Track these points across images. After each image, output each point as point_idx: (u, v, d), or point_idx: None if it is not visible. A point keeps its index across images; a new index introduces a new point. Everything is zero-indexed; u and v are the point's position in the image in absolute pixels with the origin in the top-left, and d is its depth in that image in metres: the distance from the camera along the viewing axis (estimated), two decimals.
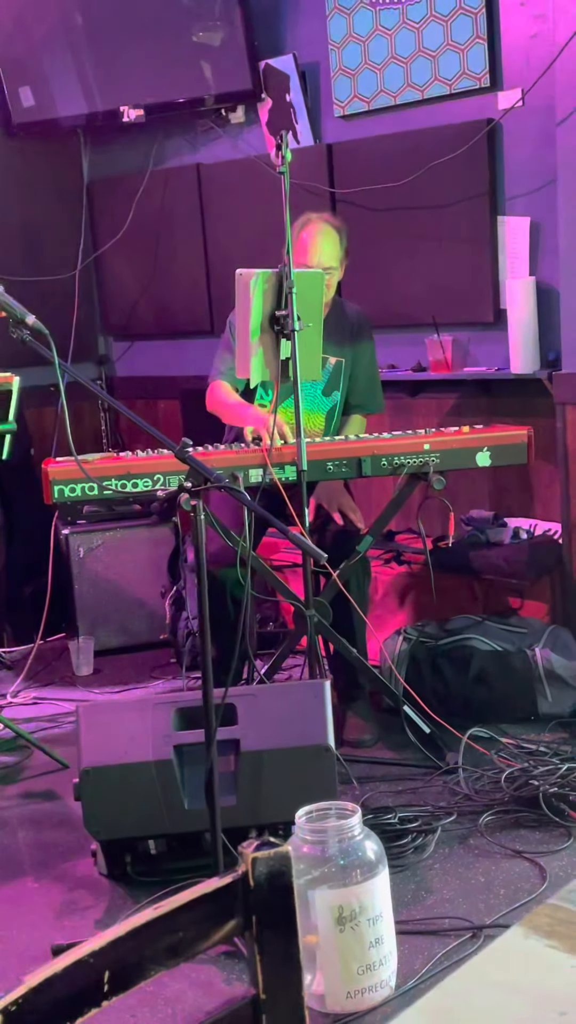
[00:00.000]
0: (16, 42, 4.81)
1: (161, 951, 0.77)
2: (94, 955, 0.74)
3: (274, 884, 0.81)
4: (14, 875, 2.77)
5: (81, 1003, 0.74)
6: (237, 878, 0.81)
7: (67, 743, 3.36)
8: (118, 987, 0.75)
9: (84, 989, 0.74)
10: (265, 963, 0.80)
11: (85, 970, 0.73)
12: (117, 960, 0.75)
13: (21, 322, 2.62)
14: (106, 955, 0.74)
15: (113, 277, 5.35)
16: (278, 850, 0.82)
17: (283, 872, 0.82)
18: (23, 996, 0.70)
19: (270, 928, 0.81)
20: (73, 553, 4.41)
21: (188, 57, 4.63)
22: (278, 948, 0.81)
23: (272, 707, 2.69)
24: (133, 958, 0.76)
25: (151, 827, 2.60)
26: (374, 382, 3.67)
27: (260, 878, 0.81)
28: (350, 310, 3.64)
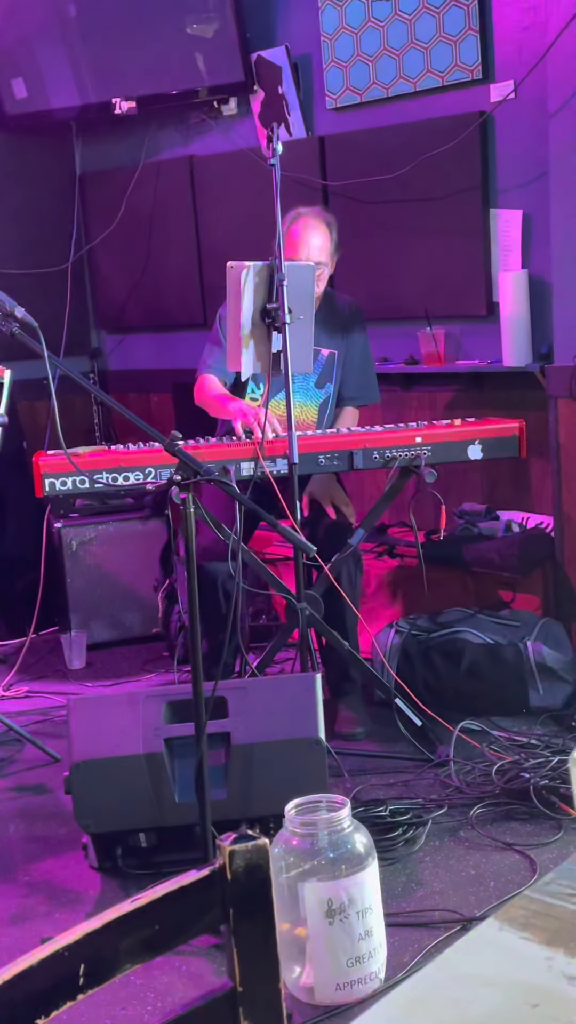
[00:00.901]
0: (8, 33, 4.79)
1: (137, 944, 0.77)
2: (69, 948, 0.74)
3: (251, 877, 0.81)
4: (5, 868, 2.77)
5: (56, 996, 0.74)
6: (214, 871, 0.81)
7: (59, 737, 3.37)
8: (93, 980, 0.75)
9: (59, 982, 0.73)
10: (242, 956, 0.80)
11: (60, 963, 0.73)
12: (92, 953, 0.75)
13: (10, 315, 2.62)
14: (81, 948, 0.74)
15: (105, 270, 5.34)
16: (255, 843, 0.82)
17: (260, 865, 0.82)
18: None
19: (247, 921, 0.81)
20: (66, 546, 4.41)
21: (181, 49, 4.62)
22: (255, 941, 0.80)
23: (263, 700, 2.69)
24: (109, 951, 0.75)
25: (141, 820, 2.60)
26: (368, 373, 3.67)
27: (237, 871, 0.81)
28: (343, 301, 3.63)
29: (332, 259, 3.47)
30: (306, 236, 3.39)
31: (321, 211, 3.53)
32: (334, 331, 3.54)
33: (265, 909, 0.82)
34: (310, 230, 3.41)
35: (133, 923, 0.76)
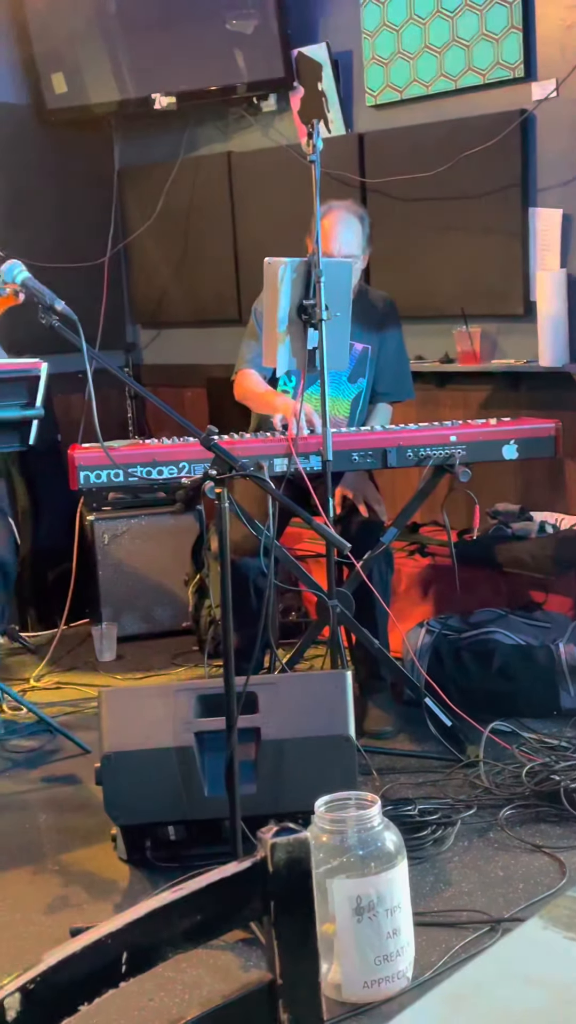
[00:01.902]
0: (51, 30, 4.82)
1: (179, 934, 0.77)
2: (112, 936, 0.74)
3: (292, 870, 0.81)
4: (35, 858, 2.79)
5: (98, 983, 0.74)
6: (256, 863, 0.81)
7: (89, 728, 3.38)
8: (135, 968, 0.76)
9: (102, 969, 0.74)
10: (282, 948, 0.80)
11: (103, 950, 0.74)
12: (135, 941, 0.75)
13: (50, 308, 2.63)
14: (124, 936, 0.75)
15: (142, 265, 5.36)
16: (297, 836, 0.82)
17: (302, 859, 0.82)
18: (41, 975, 0.71)
19: (288, 914, 0.81)
20: (98, 539, 4.43)
21: (221, 45, 4.62)
22: (295, 934, 0.81)
23: (293, 696, 2.69)
24: (151, 940, 0.76)
25: (171, 813, 2.61)
26: (403, 369, 3.65)
27: (279, 863, 0.81)
28: (377, 297, 3.62)
29: (364, 252, 3.46)
30: (337, 228, 3.39)
31: (353, 204, 3.52)
32: (368, 326, 3.54)
33: (306, 902, 0.82)
34: (341, 223, 3.40)
35: (175, 912, 0.77)
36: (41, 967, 0.71)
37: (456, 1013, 0.73)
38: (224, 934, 0.82)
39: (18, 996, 0.69)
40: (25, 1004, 0.69)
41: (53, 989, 0.70)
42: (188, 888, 0.78)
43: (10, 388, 3.32)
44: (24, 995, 0.69)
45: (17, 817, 3.02)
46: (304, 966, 0.80)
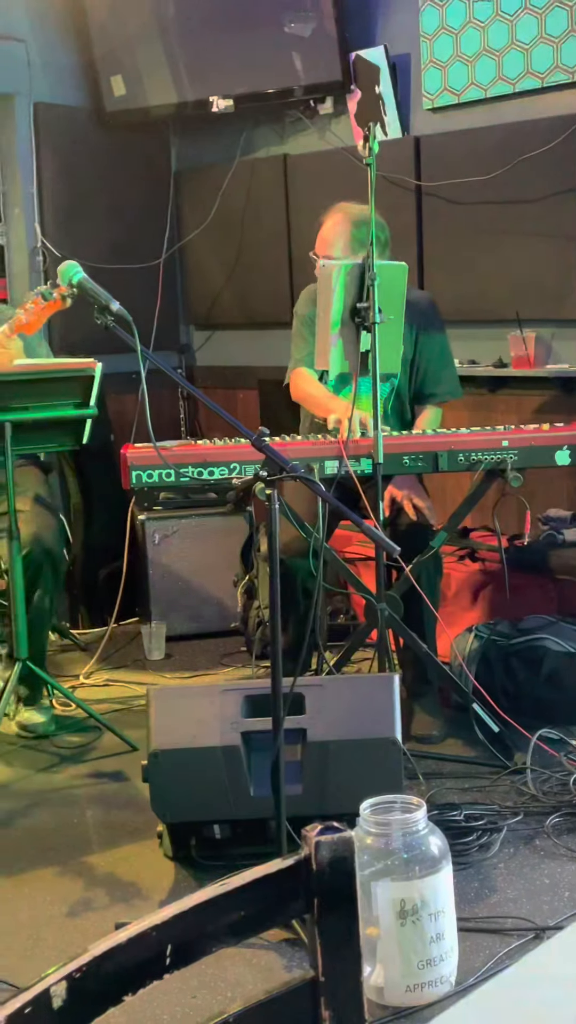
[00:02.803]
0: (110, 33, 4.87)
1: (223, 928, 0.78)
2: (157, 928, 0.75)
3: (336, 869, 0.82)
4: (82, 853, 2.82)
5: (143, 974, 0.75)
6: (300, 861, 0.82)
7: (136, 725, 3.40)
8: (179, 961, 0.77)
9: (146, 961, 0.75)
10: (325, 946, 0.81)
11: (148, 942, 0.75)
12: (179, 935, 0.76)
13: (105, 309, 2.66)
14: (169, 929, 0.75)
15: (197, 266, 5.39)
16: (341, 835, 0.83)
17: (346, 857, 0.82)
18: (87, 964, 0.72)
19: (331, 912, 0.81)
20: (148, 539, 4.46)
21: (278, 48, 4.64)
22: (339, 932, 0.81)
23: (340, 698, 2.69)
24: (195, 934, 0.77)
25: (217, 812, 2.62)
26: (449, 368, 3.62)
27: (323, 862, 0.81)
28: (417, 296, 3.58)
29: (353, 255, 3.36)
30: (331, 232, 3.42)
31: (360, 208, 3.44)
32: (404, 326, 3.50)
33: (349, 901, 0.82)
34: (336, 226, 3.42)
35: (219, 907, 0.78)
36: (87, 957, 0.72)
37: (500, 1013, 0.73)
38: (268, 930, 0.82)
39: (64, 984, 0.70)
40: (71, 993, 0.70)
41: (99, 979, 0.72)
42: (232, 883, 0.79)
43: (65, 388, 3.36)
44: (70, 984, 0.70)
45: (65, 812, 3.05)
46: (346, 964, 0.81)
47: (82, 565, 4.76)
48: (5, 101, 4.87)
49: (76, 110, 5.01)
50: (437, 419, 3.59)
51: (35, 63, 4.85)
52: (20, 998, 0.69)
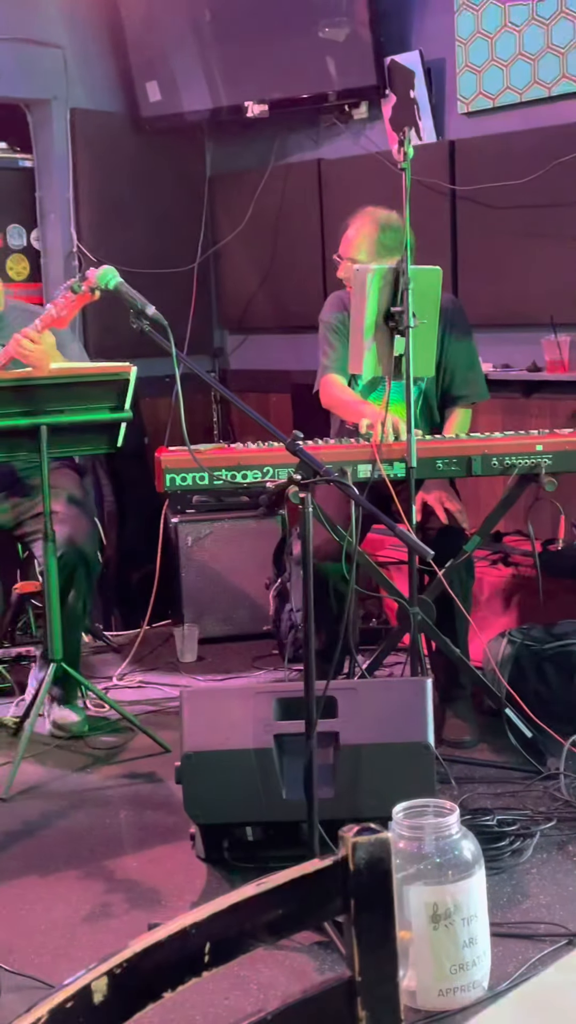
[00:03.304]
0: (146, 39, 4.90)
1: (261, 927, 0.79)
2: (196, 926, 0.76)
3: (373, 869, 0.82)
4: (115, 853, 2.83)
5: (182, 971, 0.76)
6: (337, 861, 0.83)
7: (169, 727, 3.42)
8: (218, 959, 0.77)
9: (185, 958, 0.76)
10: (362, 947, 0.81)
11: (187, 940, 0.76)
12: (218, 932, 0.77)
13: (141, 313, 2.69)
14: (208, 927, 0.76)
15: (231, 271, 5.41)
16: (378, 836, 0.83)
17: (383, 858, 0.83)
18: (127, 960, 0.73)
19: (368, 912, 0.82)
20: (181, 541, 4.48)
21: (313, 53, 4.65)
22: (375, 933, 0.82)
23: (373, 702, 2.70)
24: (233, 932, 0.78)
25: (249, 814, 2.63)
26: (475, 370, 3.62)
27: (360, 863, 0.82)
28: (443, 300, 3.57)
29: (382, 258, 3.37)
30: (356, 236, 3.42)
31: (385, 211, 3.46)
32: None
33: (386, 902, 0.83)
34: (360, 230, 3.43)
35: (257, 906, 0.78)
36: (127, 953, 0.73)
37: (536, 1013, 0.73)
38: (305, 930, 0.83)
39: (105, 980, 0.71)
40: (111, 987, 0.71)
41: (139, 975, 0.73)
42: (270, 883, 0.80)
43: (100, 391, 3.39)
44: (111, 979, 0.71)
45: (98, 812, 3.07)
46: (383, 965, 0.81)
47: (115, 567, 4.78)
48: (42, 107, 4.92)
49: (112, 116, 5.04)
50: (466, 421, 3.59)
51: (72, 69, 4.89)
52: (61, 992, 0.70)
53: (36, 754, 3.42)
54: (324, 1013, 0.80)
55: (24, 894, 2.65)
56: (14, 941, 2.39)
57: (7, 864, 2.72)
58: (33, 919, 2.54)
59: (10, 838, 2.91)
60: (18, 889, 2.66)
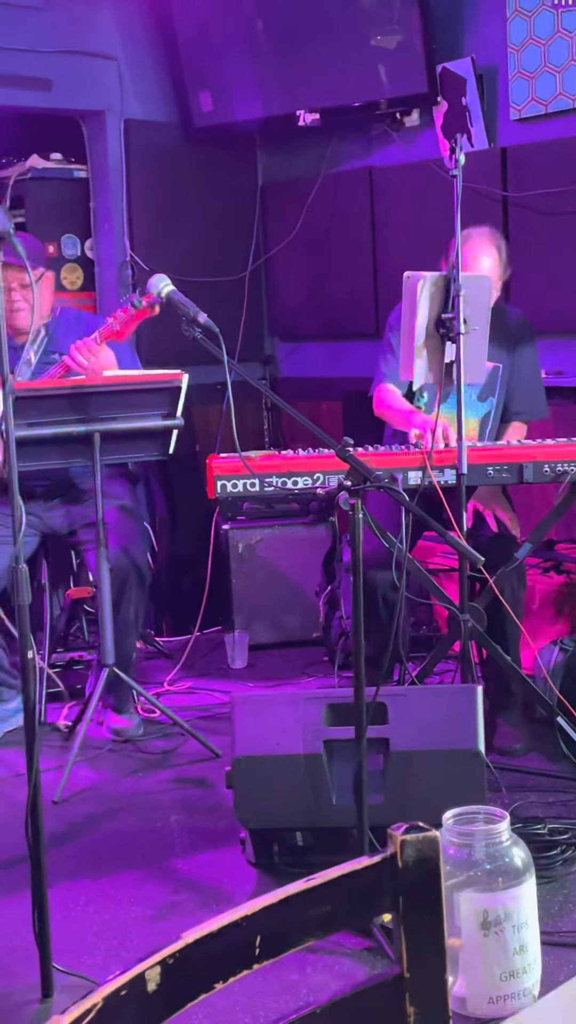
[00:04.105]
0: (199, 49, 4.94)
1: (310, 921, 0.80)
2: (247, 919, 0.77)
3: (422, 867, 0.83)
4: (165, 857, 2.86)
5: (233, 963, 0.77)
6: (386, 859, 0.83)
7: (219, 733, 3.44)
8: (269, 952, 0.79)
9: (236, 950, 0.77)
10: (410, 943, 0.82)
11: (238, 933, 0.77)
12: (268, 926, 0.78)
13: (193, 320, 2.71)
14: (258, 921, 0.77)
15: (282, 279, 5.43)
16: (427, 835, 0.84)
17: (431, 857, 0.84)
18: (180, 951, 0.74)
19: (416, 910, 0.83)
20: (232, 548, 4.50)
21: (365, 61, 4.66)
22: (423, 930, 0.82)
23: (423, 709, 2.69)
24: (283, 926, 0.79)
25: (299, 819, 2.64)
26: (537, 388, 3.62)
27: (408, 860, 0.83)
28: (512, 314, 3.60)
29: (501, 279, 3.44)
30: (477, 257, 3.38)
31: (491, 231, 3.50)
32: (500, 344, 3.51)
33: (434, 899, 0.83)
34: (480, 250, 3.40)
35: (307, 901, 0.79)
36: (180, 944, 0.75)
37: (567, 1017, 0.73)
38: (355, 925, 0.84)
39: (159, 970, 0.73)
40: (165, 977, 0.73)
41: (191, 965, 0.74)
42: (320, 879, 0.81)
43: (152, 399, 3.43)
44: (164, 969, 0.73)
45: (149, 816, 3.10)
46: (431, 962, 0.82)
47: (166, 574, 4.82)
48: (97, 118, 4.98)
49: (165, 126, 5.09)
50: (521, 435, 3.58)
51: (126, 81, 4.95)
52: (116, 980, 0.71)
53: (88, 758, 3.45)
54: (373, 1008, 0.81)
55: (77, 896, 2.68)
56: (67, 942, 2.42)
57: (60, 866, 2.75)
58: (85, 920, 2.57)
59: (63, 841, 2.95)
60: (71, 891, 2.69)
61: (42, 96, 4.74)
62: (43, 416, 3.26)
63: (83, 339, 3.41)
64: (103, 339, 3.40)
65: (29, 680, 2.20)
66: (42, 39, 4.67)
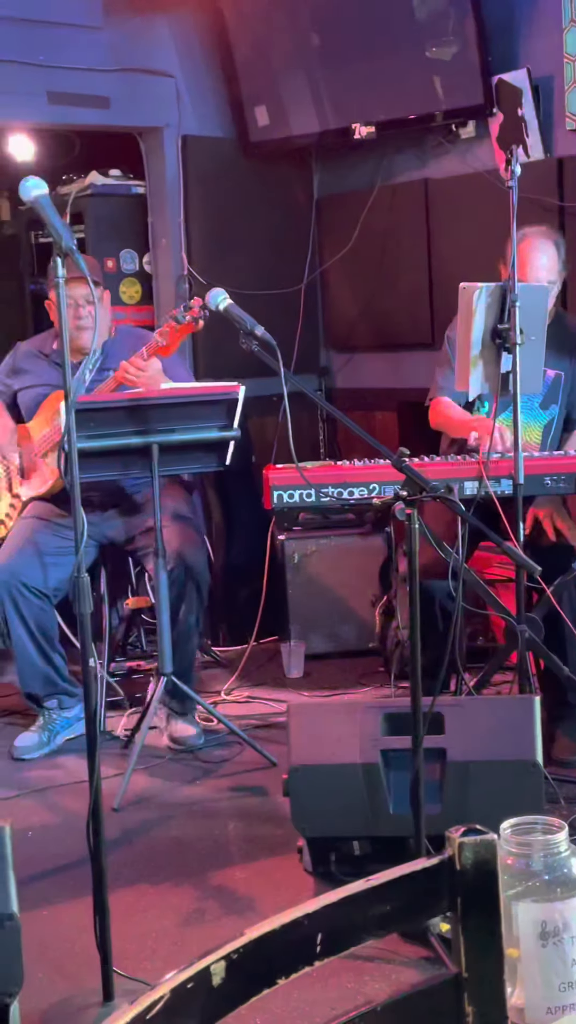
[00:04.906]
0: (255, 65, 4.99)
1: (370, 920, 0.82)
2: (308, 917, 0.79)
3: (480, 870, 0.84)
4: (223, 864, 2.88)
5: (295, 959, 0.79)
6: (444, 861, 0.85)
7: (276, 742, 3.47)
8: (329, 949, 0.80)
9: (298, 947, 0.79)
10: (468, 944, 0.83)
11: (299, 930, 0.79)
12: (329, 924, 0.80)
13: (250, 333, 2.75)
14: (319, 918, 0.79)
15: (337, 291, 5.46)
16: (484, 837, 0.85)
17: (488, 859, 0.85)
18: (244, 946, 0.76)
19: (474, 911, 0.84)
20: (288, 559, 4.53)
21: (420, 73, 4.68)
22: (481, 931, 0.84)
23: (480, 719, 2.70)
24: (344, 924, 0.81)
25: (356, 828, 2.65)
26: None
27: (466, 863, 0.84)
28: (573, 322, 3.59)
29: (560, 277, 3.44)
30: (533, 255, 3.38)
31: (548, 229, 3.51)
32: (562, 352, 3.50)
33: (492, 901, 0.85)
34: (536, 249, 3.39)
35: (366, 900, 0.81)
36: (243, 940, 0.77)
37: None
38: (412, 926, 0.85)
39: (223, 964, 0.75)
40: (229, 971, 0.75)
41: (254, 960, 0.76)
42: (379, 879, 0.83)
43: (209, 411, 3.47)
44: (228, 963, 0.75)
45: (207, 824, 3.13)
46: (489, 963, 0.83)
47: (223, 584, 4.86)
48: (154, 134, 5.05)
49: (221, 141, 5.15)
50: None
51: (183, 97, 5.02)
52: (183, 973, 0.74)
53: (147, 766, 3.49)
54: (431, 1008, 0.82)
55: (136, 902, 2.71)
56: (126, 947, 2.45)
57: (119, 872, 2.79)
58: (145, 926, 2.60)
59: (122, 847, 2.98)
60: (130, 896, 2.73)
61: (101, 113, 4.82)
62: (102, 428, 3.32)
63: (131, 358, 3.47)
64: (150, 354, 3.46)
65: (91, 688, 2.24)
66: (101, 58, 4.76)
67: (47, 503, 3.79)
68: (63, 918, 2.64)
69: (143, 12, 4.81)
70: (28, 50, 4.54)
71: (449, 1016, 0.83)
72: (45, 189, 2.27)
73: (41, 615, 3.63)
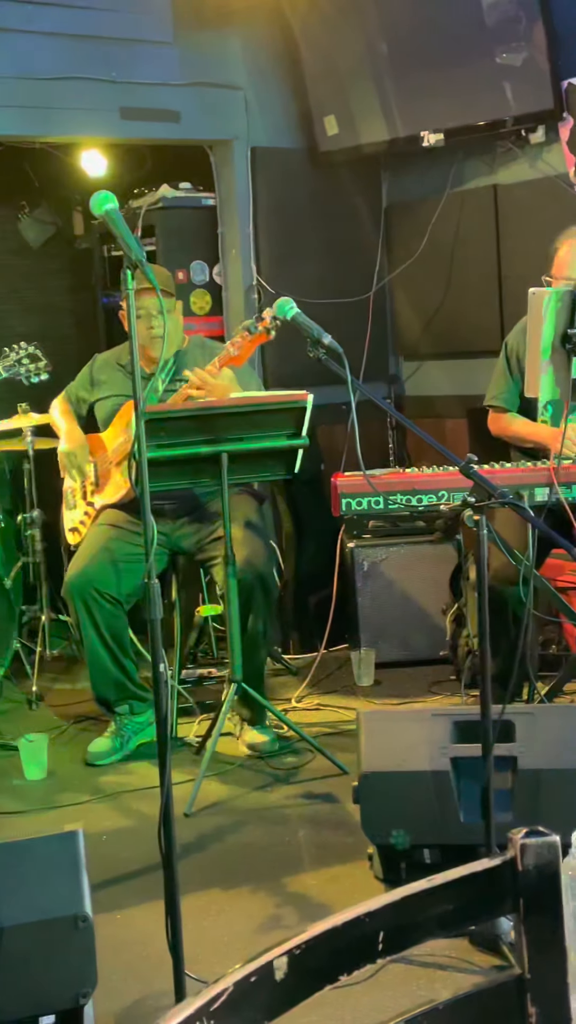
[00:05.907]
0: (324, 74, 5.02)
1: (431, 919, 0.82)
2: (370, 915, 0.80)
3: (542, 871, 0.84)
4: (293, 871, 2.89)
5: (356, 956, 0.80)
6: (506, 862, 0.85)
7: (346, 749, 3.47)
8: (391, 947, 0.81)
9: (359, 944, 0.80)
10: (531, 945, 0.83)
11: (361, 928, 0.80)
12: (390, 922, 0.81)
13: (317, 342, 2.76)
14: (380, 917, 0.80)
15: (406, 298, 5.46)
16: (547, 839, 0.85)
17: (551, 861, 0.85)
18: (306, 942, 0.78)
19: (537, 912, 0.84)
20: (358, 566, 4.53)
21: (489, 79, 4.66)
22: (544, 932, 0.84)
23: (551, 727, 2.67)
24: (405, 922, 0.81)
25: (426, 836, 2.64)
26: None
27: (528, 864, 0.84)
28: None
29: None
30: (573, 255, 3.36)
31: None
32: None
33: (554, 903, 0.85)
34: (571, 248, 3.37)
35: (428, 899, 0.82)
36: (306, 936, 0.78)
37: None
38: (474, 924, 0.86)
39: (286, 960, 0.76)
40: (291, 967, 0.76)
41: (316, 956, 0.77)
42: (441, 878, 0.83)
43: (278, 419, 3.49)
44: (291, 959, 0.76)
45: (277, 830, 3.14)
46: (552, 964, 0.83)
47: (293, 592, 4.87)
48: (224, 147, 5.10)
49: (291, 152, 5.18)
50: None
51: (252, 109, 5.06)
52: (247, 967, 0.75)
53: (218, 772, 3.52)
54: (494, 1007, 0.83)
55: (207, 906, 2.73)
56: (198, 950, 2.47)
57: (191, 877, 2.81)
58: (216, 930, 2.62)
59: (193, 852, 3.01)
60: (202, 901, 2.75)
61: (172, 128, 4.89)
62: (173, 438, 3.36)
63: (203, 368, 3.51)
64: (221, 364, 3.50)
65: (161, 693, 2.26)
66: (171, 72, 4.82)
67: (120, 510, 3.84)
68: (136, 921, 2.67)
69: (212, 27, 4.87)
70: (100, 67, 4.63)
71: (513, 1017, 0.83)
72: (115, 203, 2.31)
73: (113, 621, 3.68)
